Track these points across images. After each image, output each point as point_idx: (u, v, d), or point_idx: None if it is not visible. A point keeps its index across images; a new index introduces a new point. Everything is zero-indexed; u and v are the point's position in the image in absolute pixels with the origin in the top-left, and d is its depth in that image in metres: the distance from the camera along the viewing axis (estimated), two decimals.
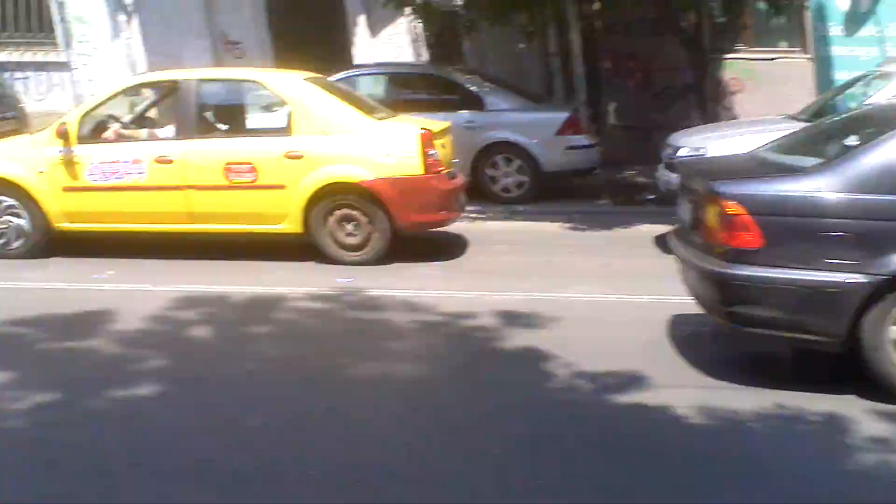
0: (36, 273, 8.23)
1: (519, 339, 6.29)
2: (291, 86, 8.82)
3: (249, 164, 8.40)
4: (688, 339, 6.18)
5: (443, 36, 15.65)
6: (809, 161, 5.46)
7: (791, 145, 6.13)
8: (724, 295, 5.25)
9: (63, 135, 8.55)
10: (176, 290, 7.49)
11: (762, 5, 13.67)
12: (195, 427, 4.96)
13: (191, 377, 5.74)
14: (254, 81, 9.41)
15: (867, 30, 13.07)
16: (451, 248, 9.11)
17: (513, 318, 6.69)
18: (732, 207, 5.07)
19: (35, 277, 8.07)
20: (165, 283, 7.73)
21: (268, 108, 10.91)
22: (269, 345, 6.40)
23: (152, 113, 10.18)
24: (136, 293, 7.56)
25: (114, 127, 9.10)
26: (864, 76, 10.64)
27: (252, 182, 8.40)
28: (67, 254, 8.79)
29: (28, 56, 15.76)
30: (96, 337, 6.38)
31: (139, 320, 6.71)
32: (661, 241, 7.79)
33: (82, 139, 8.65)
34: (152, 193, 8.55)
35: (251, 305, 7.26)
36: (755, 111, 12.63)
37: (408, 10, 14.35)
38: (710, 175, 5.64)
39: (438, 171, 8.52)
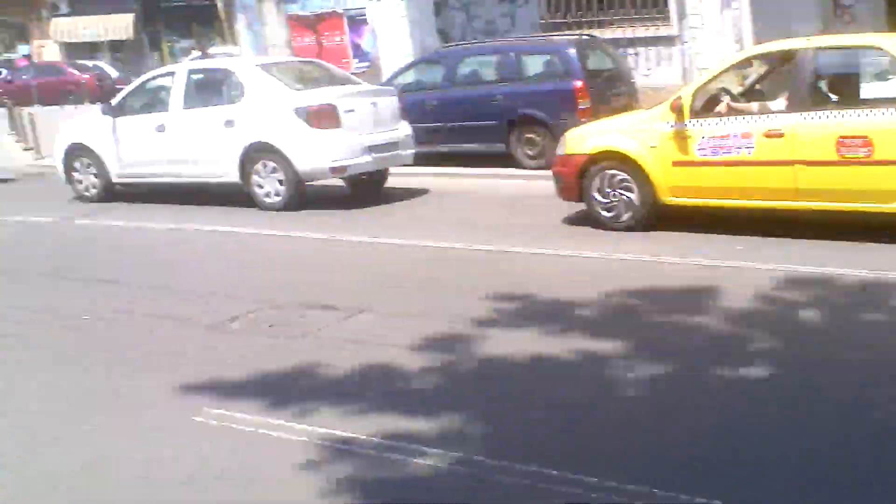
0: (642, 246, 8.52)
1: None
2: None
3: (864, 137, 7.86)
4: None
5: None
6: None
7: None
8: None
9: (677, 109, 8.71)
10: (779, 268, 7.32)
11: None
12: (805, 415, 4.76)
13: (802, 362, 5.53)
14: (876, 47, 8.76)
15: None
16: None
17: None
18: None
19: (640, 250, 8.35)
20: (765, 260, 7.58)
21: (881, 75, 10.16)
22: (888, 333, 5.94)
23: (761, 85, 10.01)
24: (737, 270, 7.49)
25: (725, 100, 9.08)
26: None
27: (867, 157, 7.87)
28: (665, 228, 9.02)
29: (640, 32, 16.44)
30: (703, 312, 6.44)
31: (744, 298, 6.65)
32: None
33: (694, 113, 8.76)
34: (759, 168, 8.41)
35: (863, 289, 6.82)
36: None
37: None
38: None
39: None
